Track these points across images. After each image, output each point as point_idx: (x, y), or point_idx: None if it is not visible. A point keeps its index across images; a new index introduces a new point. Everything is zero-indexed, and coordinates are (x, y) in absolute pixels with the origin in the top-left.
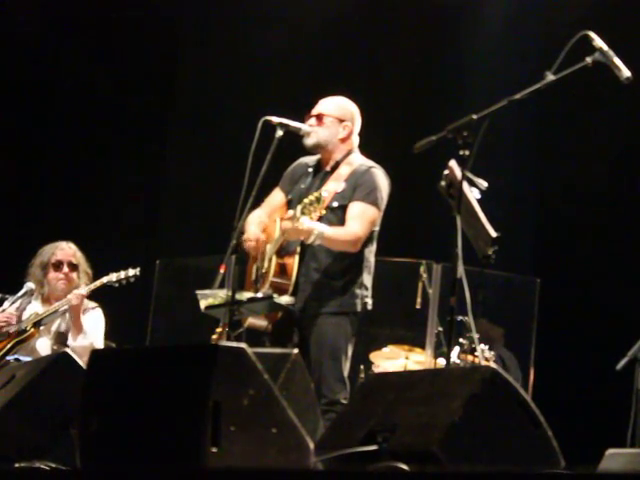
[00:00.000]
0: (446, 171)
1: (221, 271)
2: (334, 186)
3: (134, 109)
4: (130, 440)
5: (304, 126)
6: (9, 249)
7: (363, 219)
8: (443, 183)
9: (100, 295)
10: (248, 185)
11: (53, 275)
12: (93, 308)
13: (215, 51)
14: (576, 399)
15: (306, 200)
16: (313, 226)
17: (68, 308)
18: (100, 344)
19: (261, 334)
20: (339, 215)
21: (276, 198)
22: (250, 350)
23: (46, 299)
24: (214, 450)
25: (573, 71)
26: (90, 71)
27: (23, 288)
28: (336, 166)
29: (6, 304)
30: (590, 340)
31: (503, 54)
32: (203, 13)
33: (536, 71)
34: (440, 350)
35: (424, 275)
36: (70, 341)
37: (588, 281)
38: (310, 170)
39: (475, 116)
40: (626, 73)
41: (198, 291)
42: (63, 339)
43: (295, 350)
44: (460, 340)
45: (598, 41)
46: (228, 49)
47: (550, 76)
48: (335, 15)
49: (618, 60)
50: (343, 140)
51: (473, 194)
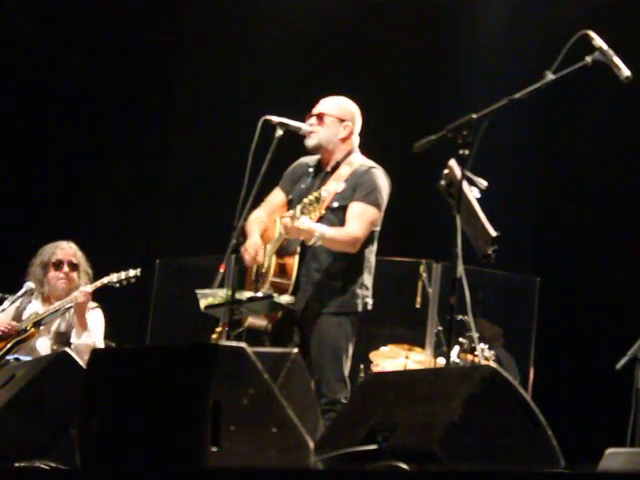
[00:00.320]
0: (446, 170)
1: (221, 270)
2: (334, 186)
3: (134, 109)
4: (130, 440)
5: (304, 126)
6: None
7: (362, 219)
8: (443, 182)
9: (100, 295)
10: (248, 185)
11: (53, 275)
12: (93, 308)
13: (215, 51)
14: (576, 398)
15: (306, 200)
16: (314, 227)
17: (73, 305)
18: (101, 344)
19: (261, 334)
20: (339, 215)
21: (276, 198)
22: (250, 349)
23: (46, 299)
24: (214, 450)
25: (573, 70)
26: (90, 71)
27: (23, 287)
28: (336, 166)
29: (6, 304)
30: (590, 339)
31: (503, 54)
32: (203, 13)
33: (536, 70)
34: (440, 349)
35: (424, 274)
36: (74, 339)
37: (588, 280)
38: (310, 170)
39: (475, 115)
40: (626, 72)
41: (198, 290)
42: (63, 339)
43: (295, 349)
44: (460, 339)
45: (598, 40)
46: (228, 49)
47: (550, 75)
48: (335, 15)
49: (618, 59)
50: (343, 140)
51: (473, 193)
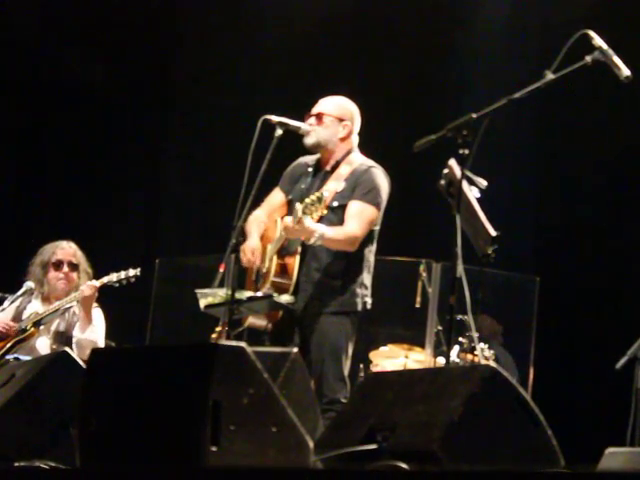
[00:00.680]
0: (446, 170)
1: (221, 270)
2: (334, 185)
3: (134, 109)
4: (130, 439)
5: (304, 125)
6: (9, 249)
7: (361, 218)
8: (443, 182)
9: (100, 295)
10: (247, 184)
11: (53, 274)
12: (94, 308)
13: (215, 51)
14: (576, 398)
15: (307, 200)
16: (315, 227)
17: (79, 299)
18: (101, 343)
19: (261, 333)
20: (339, 215)
21: (276, 198)
22: (250, 349)
23: (46, 298)
24: (214, 449)
25: (573, 70)
26: (90, 71)
27: (23, 287)
28: (336, 165)
29: (6, 303)
30: (590, 339)
31: (503, 54)
32: (203, 13)
33: (536, 70)
34: (440, 349)
35: (424, 274)
36: (77, 332)
37: (587, 280)
38: (310, 170)
39: (475, 115)
40: (626, 72)
41: (198, 290)
42: (62, 339)
43: (295, 349)
44: (460, 339)
45: (597, 40)
46: (228, 49)
47: (550, 75)
48: (335, 14)
49: (618, 59)
50: (343, 139)
51: (473, 193)
